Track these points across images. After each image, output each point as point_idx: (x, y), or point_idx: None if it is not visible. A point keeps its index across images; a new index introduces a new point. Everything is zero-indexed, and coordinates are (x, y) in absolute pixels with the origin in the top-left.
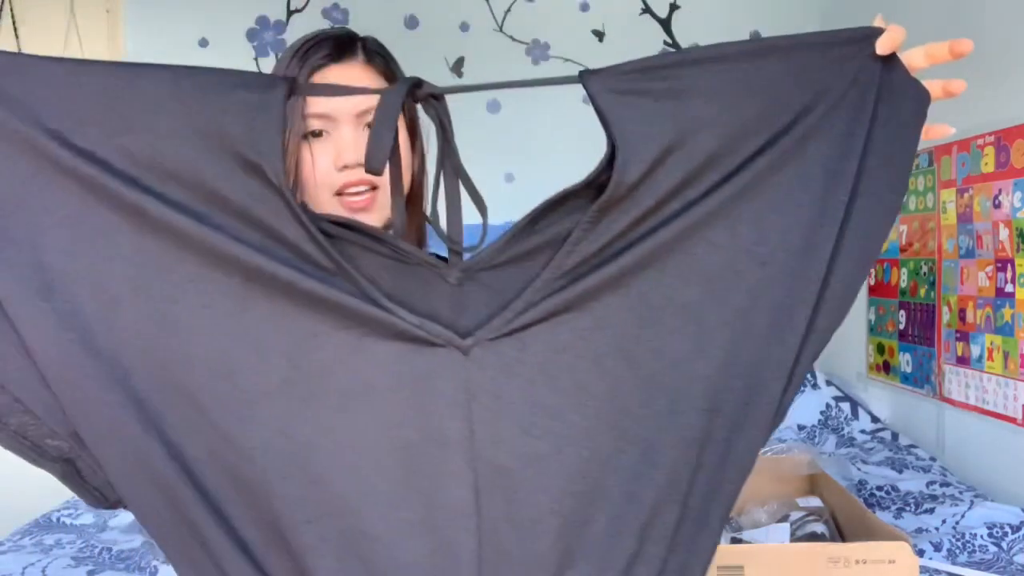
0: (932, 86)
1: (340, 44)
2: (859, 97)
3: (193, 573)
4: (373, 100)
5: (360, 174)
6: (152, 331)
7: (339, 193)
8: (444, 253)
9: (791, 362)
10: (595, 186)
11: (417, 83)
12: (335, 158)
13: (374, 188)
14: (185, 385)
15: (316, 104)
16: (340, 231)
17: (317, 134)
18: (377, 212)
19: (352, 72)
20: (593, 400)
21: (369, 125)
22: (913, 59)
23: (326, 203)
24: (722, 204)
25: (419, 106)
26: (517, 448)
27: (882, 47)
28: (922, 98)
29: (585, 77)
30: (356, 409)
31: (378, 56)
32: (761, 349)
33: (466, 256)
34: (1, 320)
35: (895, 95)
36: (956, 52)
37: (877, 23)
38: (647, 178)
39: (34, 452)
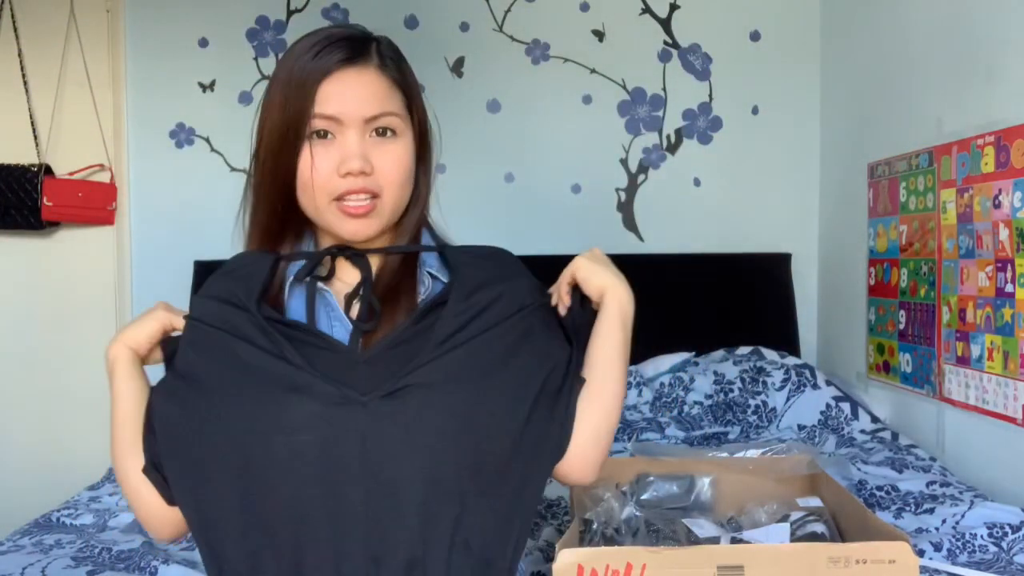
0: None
1: (355, 46)
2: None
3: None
4: (384, 106)
5: (361, 182)
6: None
7: (339, 199)
8: (436, 264)
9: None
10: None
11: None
12: (339, 164)
13: (375, 196)
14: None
15: (326, 104)
16: (294, 332)
17: (324, 135)
18: (375, 219)
19: (366, 76)
20: (445, 439)
21: (377, 131)
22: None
23: (324, 208)
24: (506, 323)
25: (430, 116)
26: (395, 468)
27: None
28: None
29: (445, 248)
30: (297, 440)
31: (392, 61)
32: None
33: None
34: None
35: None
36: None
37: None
38: (466, 300)
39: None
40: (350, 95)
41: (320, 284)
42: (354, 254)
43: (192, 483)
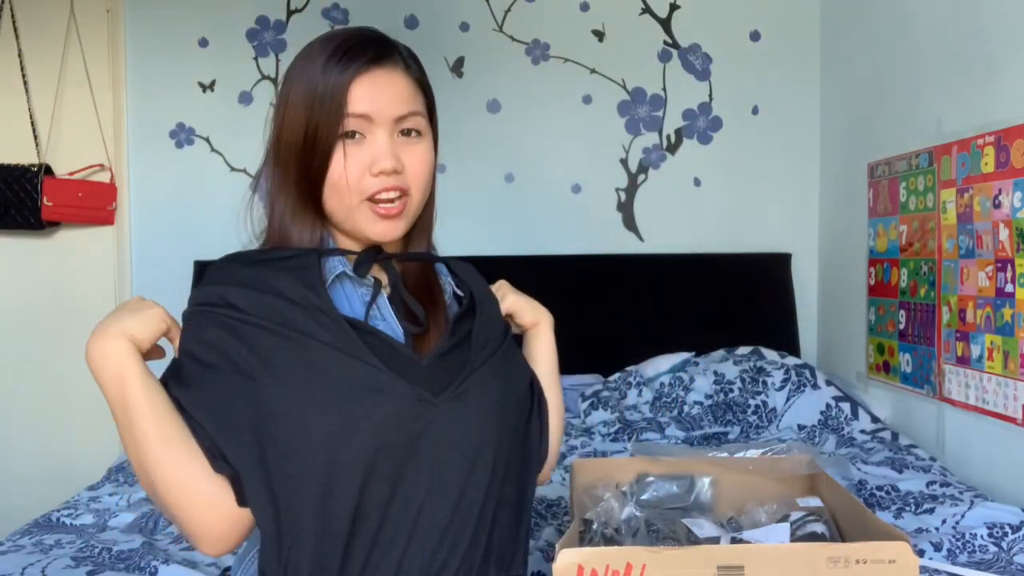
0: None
1: (381, 47)
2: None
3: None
4: (411, 105)
5: (393, 180)
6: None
7: (371, 199)
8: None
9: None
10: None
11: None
12: (370, 164)
13: (403, 195)
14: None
15: (358, 103)
16: (362, 333)
17: (352, 135)
18: (404, 220)
19: (395, 76)
20: (490, 433)
21: (404, 132)
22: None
23: (356, 208)
24: (508, 335)
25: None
26: (450, 463)
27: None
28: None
29: (449, 261)
30: (384, 439)
31: (414, 63)
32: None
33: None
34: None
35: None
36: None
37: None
38: (483, 314)
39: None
40: (381, 94)
41: (362, 282)
42: (384, 258)
43: (270, 482)
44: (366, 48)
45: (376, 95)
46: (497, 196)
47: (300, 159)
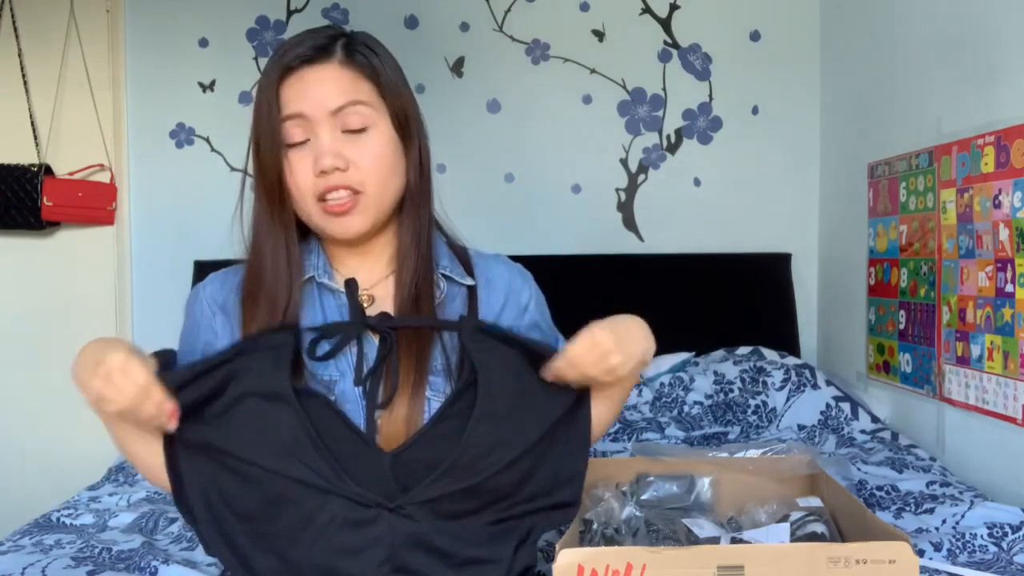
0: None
1: (317, 45)
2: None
3: None
4: (349, 95)
5: (339, 179)
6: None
7: (321, 199)
8: (449, 264)
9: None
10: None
11: (368, 322)
12: (313, 164)
13: (356, 192)
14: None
15: (289, 105)
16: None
17: (300, 144)
18: (360, 216)
19: (326, 73)
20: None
21: (349, 130)
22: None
23: (311, 210)
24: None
25: (417, 101)
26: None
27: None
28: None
29: (462, 324)
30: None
31: (359, 53)
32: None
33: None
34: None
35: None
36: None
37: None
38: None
39: None
40: (310, 91)
41: (329, 282)
42: (380, 327)
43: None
44: (297, 48)
45: (306, 92)
46: (497, 196)
47: (265, 169)
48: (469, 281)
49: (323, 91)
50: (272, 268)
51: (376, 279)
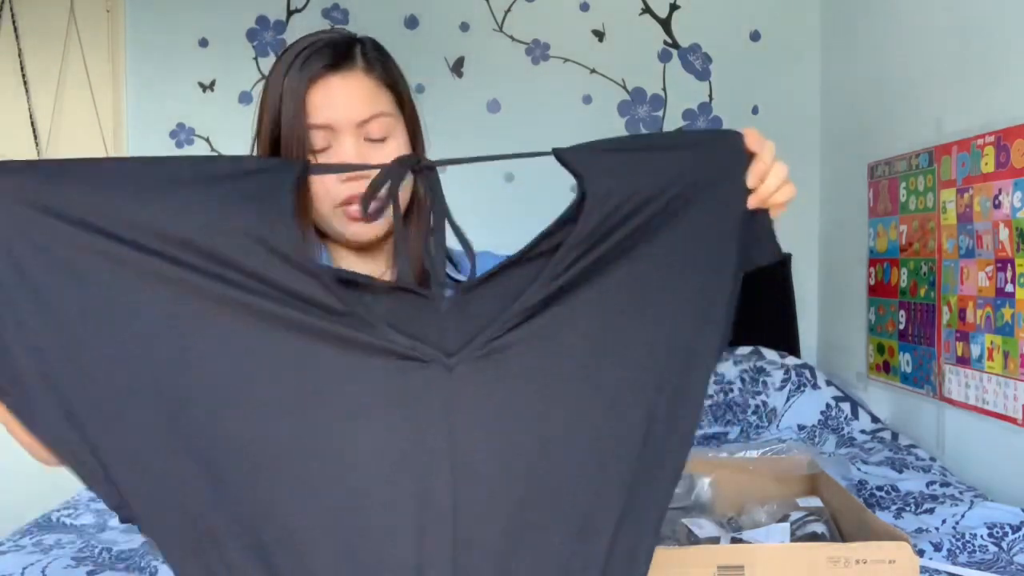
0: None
1: (339, 51)
2: (727, 186)
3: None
4: (374, 108)
5: (363, 186)
6: (182, 364)
7: (342, 204)
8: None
9: (717, 343)
10: (556, 235)
11: (416, 161)
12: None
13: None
14: (212, 406)
15: (317, 114)
16: (349, 276)
17: (321, 150)
18: (373, 224)
19: (352, 82)
20: (552, 415)
21: (371, 139)
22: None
23: (332, 214)
24: (647, 239)
25: (423, 114)
26: (489, 455)
27: (751, 180)
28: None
29: (558, 152)
30: (357, 422)
31: (377, 62)
32: (692, 336)
33: (449, 293)
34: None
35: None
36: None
37: (748, 141)
38: (600, 225)
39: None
40: (338, 102)
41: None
42: (426, 167)
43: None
44: (320, 55)
45: (334, 102)
46: (497, 196)
47: None
48: (462, 278)
49: (350, 102)
50: None
51: (377, 276)
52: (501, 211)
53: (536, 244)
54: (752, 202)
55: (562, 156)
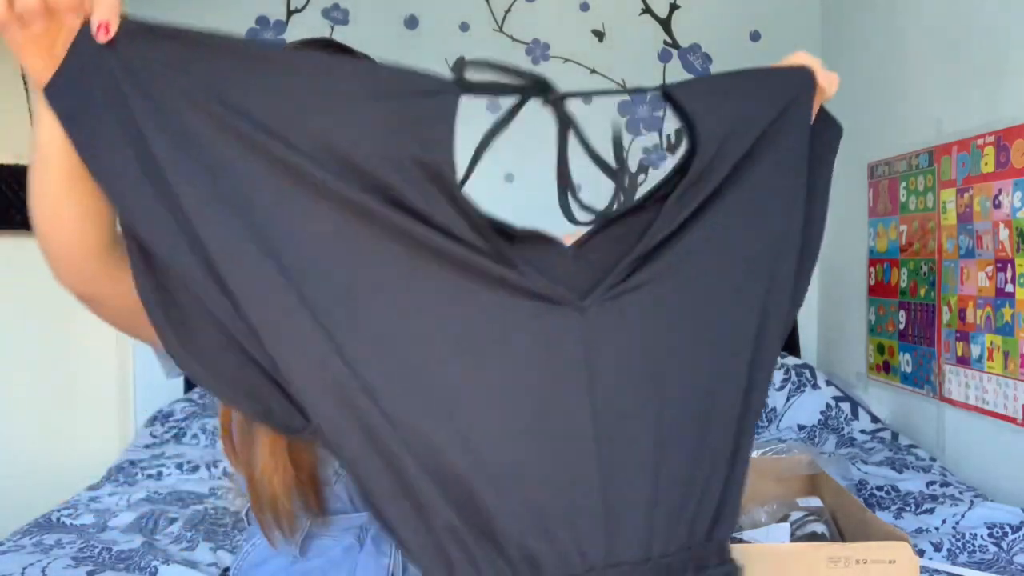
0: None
1: (344, 50)
2: (804, 109)
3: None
4: None
5: None
6: (342, 283)
7: None
8: None
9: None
10: (668, 185)
11: (547, 87)
12: None
13: None
14: (366, 328)
15: None
16: (489, 218)
17: None
18: None
19: None
20: (679, 351)
21: None
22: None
23: None
24: (743, 179)
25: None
26: (624, 391)
27: (820, 98)
28: (836, 129)
29: (667, 89)
30: (498, 355)
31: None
32: (780, 254)
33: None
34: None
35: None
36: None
37: (804, 62)
38: (710, 164)
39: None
40: None
41: None
42: (555, 99)
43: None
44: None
45: None
46: (497, 196)
47: None
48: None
49: None
50: None
51: None
52: (501, 211)
53: (651, 195)
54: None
55: (672, 94)
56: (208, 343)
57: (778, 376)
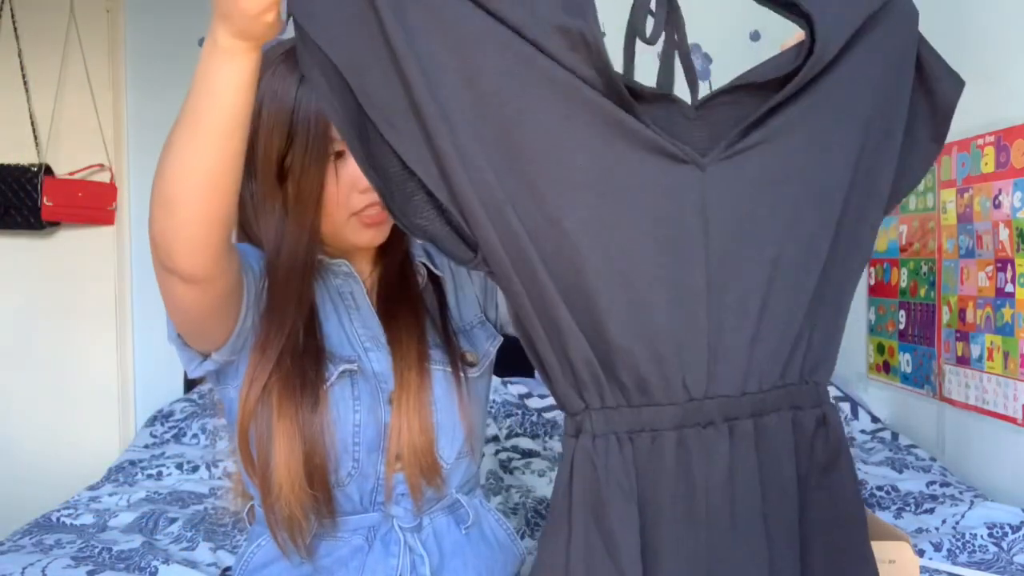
0: None
1: None
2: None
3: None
4: None
5: (375, 196)
6: (504, 124)
7: (355, 213)
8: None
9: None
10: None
11: None
12: (355, 181)
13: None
14: (528, 162)
15: None
16: (620, 78)
17: (340, 155)
18: (387, 226)
19: None
20: (783, 208)
21: None
22: None
23: (345, 220)
24: (845, 64)
25: None
26: (737, 243)
27: None
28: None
29: None
30: (628, 202)
31: None
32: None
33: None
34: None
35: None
36: None
37: None
38: (826, 56)
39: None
40: None
41: (346, 271)
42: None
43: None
44: None
45: None
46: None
47: (286, 184)
48: (437, 272)
49: None
50: (290, 257)
51: (367, 270)
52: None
53: (765, 73)
54: None
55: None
56: (391, 165)
57: None
